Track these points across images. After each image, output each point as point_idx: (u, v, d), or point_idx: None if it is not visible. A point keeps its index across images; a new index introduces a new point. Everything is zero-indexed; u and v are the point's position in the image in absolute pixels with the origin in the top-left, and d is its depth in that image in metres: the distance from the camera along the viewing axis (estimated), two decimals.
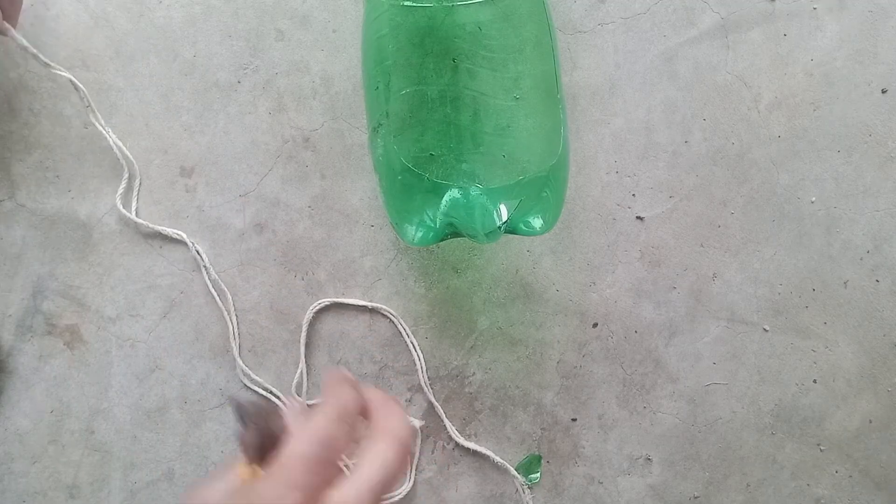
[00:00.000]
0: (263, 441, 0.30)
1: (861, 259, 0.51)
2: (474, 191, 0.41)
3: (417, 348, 0.50)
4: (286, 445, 0.29)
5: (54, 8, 0.49)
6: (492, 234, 0.40)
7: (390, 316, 0.50)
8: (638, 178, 0.50)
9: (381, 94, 0.42)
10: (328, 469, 0.28)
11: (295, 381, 0.50)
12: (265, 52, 0.49)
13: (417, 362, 0.50)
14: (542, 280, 0.51)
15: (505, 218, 0.40)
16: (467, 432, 0.51)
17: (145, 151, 0.49)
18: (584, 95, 0.50)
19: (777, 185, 0.50)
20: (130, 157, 0.49)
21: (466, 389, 0.51)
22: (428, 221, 0.42)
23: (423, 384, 0.50)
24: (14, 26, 0.44)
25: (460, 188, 0.41)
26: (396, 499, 0.50)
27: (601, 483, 0.51)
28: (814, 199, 0.50)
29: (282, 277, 0.50)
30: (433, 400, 0.50)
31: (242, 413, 0.30)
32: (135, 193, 0.49)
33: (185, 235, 0.49)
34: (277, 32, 0.49)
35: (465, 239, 0.46)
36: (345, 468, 0.30)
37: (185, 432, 0.50)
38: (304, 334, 0.49)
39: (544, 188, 0.42)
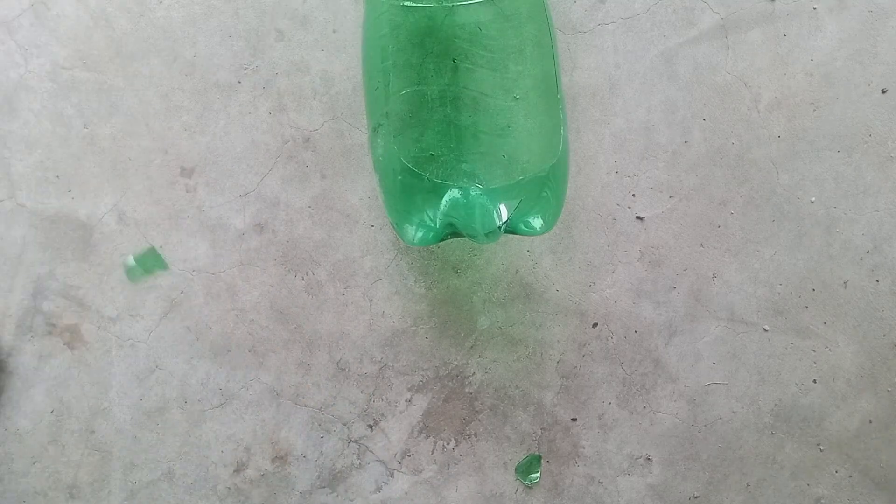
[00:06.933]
0: None
1: (861, 259, 0.51)
2: (474, 191, 0.41)
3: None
4: None
5: (54, 8, 0.49)
6: (492, 234, 0.40)
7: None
8: (638, 178, 0.50)
9: (381, 95, 0.42)
10: None
11: None
12: (265, 53, 0.49)
13: None
14: (542, 280, 0.51)
15: (505, 218, 0.40)
16: (467, 432, 0.51)
17: (145, 151, 0.49)
18: (584, 95, 0.50)
19: (777, 185, 0.50)
20: None
21: (466, 389, 0.51)
22: (428, 221, 0.42)
23: None
24: None
25: (460, 188, 0.41)
26: None
27: (601, 483, 0.51)
28: (813, 199, 0.50)
29: (282, 277, 0.50)
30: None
31: None
32: None
33: None
34: (277, 32, 0.49)
35: (465, 239, 0.46)
36: None
37: (185, 432, 0.50)
38: None
39: (544, 188, 0.42)
